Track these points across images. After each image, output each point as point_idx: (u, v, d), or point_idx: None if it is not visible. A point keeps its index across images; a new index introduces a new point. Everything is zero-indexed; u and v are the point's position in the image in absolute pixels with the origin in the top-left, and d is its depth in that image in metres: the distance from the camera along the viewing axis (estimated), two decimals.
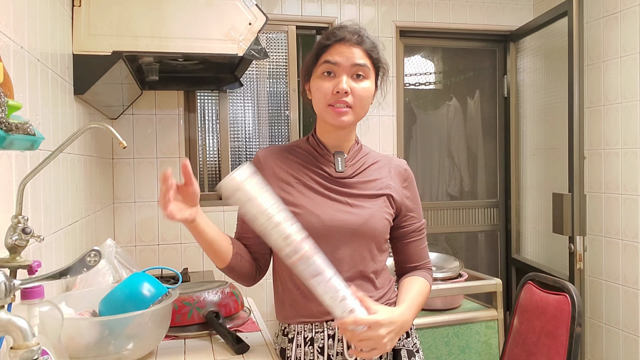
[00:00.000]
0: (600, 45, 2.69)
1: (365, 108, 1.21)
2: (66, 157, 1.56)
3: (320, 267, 0.98)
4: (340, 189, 1.22)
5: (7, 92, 0.86)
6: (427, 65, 3.28)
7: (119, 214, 2.62)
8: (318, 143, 1.26)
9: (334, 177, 1.23)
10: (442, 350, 2.31)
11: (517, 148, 3.20)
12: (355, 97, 1.17)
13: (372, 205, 1.22)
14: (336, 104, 1.17)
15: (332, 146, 1.26)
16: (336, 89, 1.16)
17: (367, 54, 1.20)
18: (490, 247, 3.32)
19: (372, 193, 1.23)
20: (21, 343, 0.68)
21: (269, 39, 2.90)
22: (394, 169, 1.30)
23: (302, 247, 0.98)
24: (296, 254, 0.98)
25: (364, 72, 1.18)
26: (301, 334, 1.20)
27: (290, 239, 0.98)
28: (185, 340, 1.34)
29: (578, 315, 1.70)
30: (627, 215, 2.54)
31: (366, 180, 1.25)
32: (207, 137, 2.88)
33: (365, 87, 1.19)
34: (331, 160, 1.24)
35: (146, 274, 1.27)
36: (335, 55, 1.17)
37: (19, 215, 0.87)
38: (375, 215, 1.20)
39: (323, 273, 0.97)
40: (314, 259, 0.98)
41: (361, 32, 1.21)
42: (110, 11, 1.68)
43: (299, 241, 0.98)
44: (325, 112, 1.19)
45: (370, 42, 1.22)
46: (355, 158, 1.27)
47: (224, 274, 1.25)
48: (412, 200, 1.31)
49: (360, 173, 1.25)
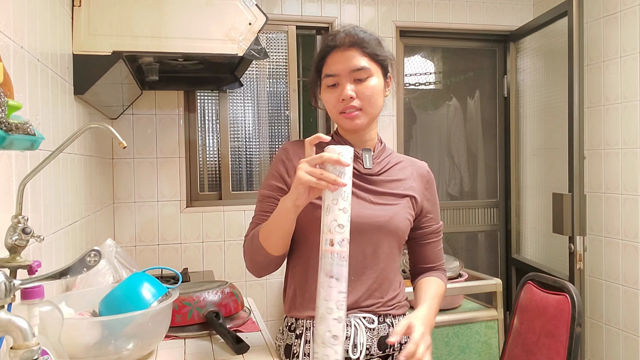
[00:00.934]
0: (600, 45, 2.69)
1: (376, 105, 1.22)
2: (66, 157, 1.56)
3: (343, 275, 0.95)
4: (366, 185, 1.23)
5: (7, 92, 0.86)
6: (427, 65, 3.28)
7: (119, 214, 2.62)
8: (344, 140, 1.27)
9: (361, 174, 1.23)
10: (442, 350, 2.30)
11: (517, 148, 3.20)
12: (362, 99, 1.18)
13: (397, 204, 1.23)
14: (346, 110, 1.19)
15: (356, 144, 1.27)
16: (341, 97, 1.18)
17: (364, 54, 1.20)
18: (490, 247, 3.32)
19: (398, 192, 1.25)
20: (21, 343, 0.68)
21: (269, 39, 2.90)
22: (417, 170, 1.32)
23: (344, 245, 0.96)
24: (335, 246, 0.95)
25: (365, 73, 1.19)
26: (310, 330, 1.18)
27: (342, 229, 0.95)
28: (185, 340, 1.34)
29: (578, 315, 1.70)
30: (627, 215, 2.54)
31: (392, 179, 1.26)
32: (207, 137, 2.88)
33: (370, 86, 1.19)
34: (359, 156, 1.25)
35: (146, 274, 1.27)
36: (333, 66, 1.19)
37: (19, 215, 0.87)
38: (399, 214, 1.22)
39: (340, 281, 0.94)
40: (344, 263, 0.95)
41: (353, 32, 1.21)
42: (110, 11, 1.68)
43: (346, 238, 0.95)
44: (339, 120, 1.22)
45: (365, 39, 1.21)
46: (381, 156, 1.28)
47: (224, 272, 1.24)
48: (431, 202, 1.33)
49: (387, 171, 1.27)
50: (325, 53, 1.21)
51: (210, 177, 2.89)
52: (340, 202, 0.95)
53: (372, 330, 1.19)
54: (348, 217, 0.96)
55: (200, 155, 2.86)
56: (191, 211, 2.73)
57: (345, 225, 0.95)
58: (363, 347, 1.16)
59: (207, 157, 2.88)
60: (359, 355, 1.15)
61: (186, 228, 2.71)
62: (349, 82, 1.18)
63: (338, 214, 0.95)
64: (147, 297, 1.18)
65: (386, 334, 1.21)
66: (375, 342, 1.19)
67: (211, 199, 2.84)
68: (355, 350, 1.15)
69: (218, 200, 2.84)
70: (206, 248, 2.74)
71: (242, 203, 2.81)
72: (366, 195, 1.22)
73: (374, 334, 1.19)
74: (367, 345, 1.17)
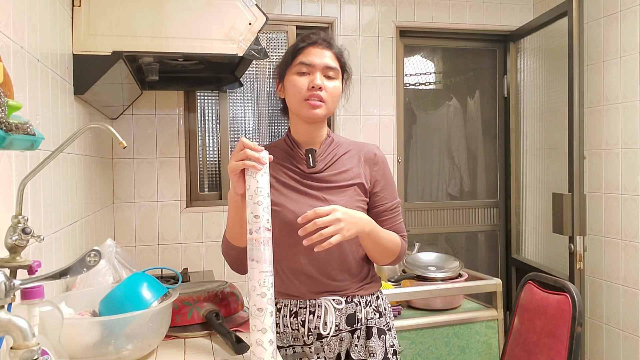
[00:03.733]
0: (600, 45, 2.69)
1: (335, 104, 1.35)
2: (66, 157, 1.56)
3: (261, 257, 1.08)
4: (313, 183, 1.35)
5: (7, 92, 0.86)
6: (427, 65, 3.28)
7: (119, 214, 2.62)
8: (292, 142, 1.39)
9: (306, 173, 1.36)
10: (442, 350, 2.31)
11: (517, 148, 3.20)
12: (328, 94, 1.31)
13: (344, 195, 1.35)
14: (311, 99, 1.30)
15: (304, 143, 1.39)
16: (311, 84, 1.30)
17: (336, 58, 1.35)
18: (490, 247, 3.32)
19: (343, 184, 1.36)
20: (21, 343, 0.68)
21: (269, 39, 2.90)
22: (364, 155, 1.41)
23: (260, 232, 1.09)
24: (253, 234, 1.09)
25: (334, 73, 1.33)
26: (288, 306, 1.37)
27: (257, 219, 1.09)
28: (185, 340, 1.34)
29: (579, 315, 1.70)
30: (627, 215, 2.54)
31: (337, 172, 1.37)
32: (207, 137, 2.88)
33: (335, 86, 1.34)
34: (303, 157, 1.37)
35: (146, 274, 1.27)
36: (310, 57, 1.32)
37: (19, 215, 0.87)
38: (347, 204, 1.30)
39: (260, 263, 1.08)
40: (261, 247, 1.08)
41: (329, 38, 1.37)
42: (110, 11, 1.68)
43: (263, 226, 1.09)
44: (300, 106, 1.32)
45: (339, 48, 1.37)
46: (326, 152, 1.39)
47: (224, 272, 1.26)
48: (382, 182, 1.41)
49: (331, 166, 1.38)
50: (304, 45, 1.34)
51: (210, 177, 2.89)
52: (255, 197, 1.10)
53: (340, 310, 1.35)
54: (264, 208, 1.10)
55: (200, 155, 2.86)
56: (191, 211, 2.73)
57: (261, 215, 1.09)
58: (332, 325, 1.33)
59: (207, 157, 2.88)
60: (329, 331, 1.33)
61: (186, 228, 2.71)
62: (320, 75, 1.31)
63: (253, 207, 1.10)
64: (147, 297, 1.18)
65: (353, 312, 1.36)
66: (343, 319, 1.35)
67: (211, 199, 2.84)
68: (326, 327, 1.33)
69: (218, 200, 2.84)
70: (206, 248, 2.74)
71: None
72: (314, 192, 1.34)
73: (342, 312, 1.35)
74: (336, 322, 1.34)
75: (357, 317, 1.37)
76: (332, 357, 1.36)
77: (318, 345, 1.35)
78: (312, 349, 1.35)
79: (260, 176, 1.11)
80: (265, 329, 1.07)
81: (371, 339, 1.37)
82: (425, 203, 3.20)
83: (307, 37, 1.36)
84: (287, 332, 1.37)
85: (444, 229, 3.23)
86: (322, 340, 1.35)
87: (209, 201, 2.82)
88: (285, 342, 1.37)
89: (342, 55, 1.37)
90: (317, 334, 1.34)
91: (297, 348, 1.37)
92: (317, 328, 1.34)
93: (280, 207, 1.32)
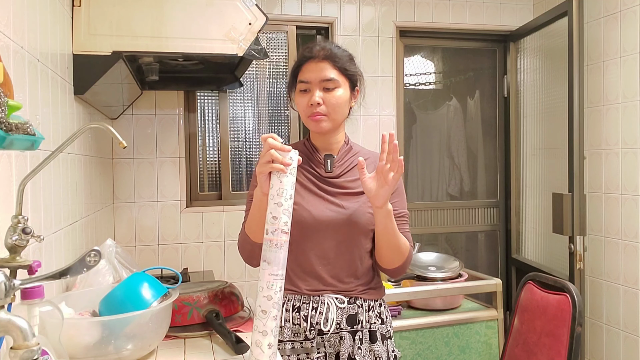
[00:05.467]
0: (600, 45, 2.69)
1: (341, 112, 1.38)
2: (66, 157, 1.56)
3: (274, 259, 1.08)
4: (329, 188, 1.40)
5: (7, 92, 0.86)
6: (427, 65, 3.28)
7: (119, 214, 2.62)
8: (311, 146, 1.45)
9: (324, 177, 1.41)
10: (442, 350, 2.31)
11: (517, 148, 3.20)
12: (328, 106, 1.34)
13: (357, 201, 1.38)
14: (313, 115, 1.35)
15: (323, 148, 1.44)
16: (309, 102, 1.34)
17: (334, 67, 1.36)
18: (490, 247, 3.32)
19: (358, 191, 1.39)
20: (21, 343, 0.68)
21: (269, 39, 2.90)
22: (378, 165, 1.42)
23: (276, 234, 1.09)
24: (269, 235, 1.09)
25: (333, 84, 1.35)
26: (291, 301, 1.40)
27: (276, 220, 1.09)
28: (185, 340, 1.34)
29: (579, 315, 1.70)
30: (627, 215, 2.54)
31: (352, 179, 1.41)
32: (207, 137, 2.88)
33: (336, 95, 1.35)
34: (322, 162, 1.42)
35: (146, 274, 1.27)
36: (306, 74, 1.36)
37: (19, 215, 0.87)
38: (358, 210, 1.37)
39: (271, 265, 1.07)
40: (275, 249, 1.08)
41: (328, 47, 1.38)
42: (110, 11, 1.68)
43: (279, 228, 1.09)
44: (307, 123, 1.39)
45: (338, 55, 1.37)
46: (343, 159, 1.44)
47: (224, 272, 1.26)
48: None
49: (347, 172, 1.42)
50: (302, 62, 1.38)
51: (210, 177, 2.89)
52: (276, 197, 1.10)
53: (343, 309, 1.38)
54: (284, 210, 1.10)
55: (200, 155, 2.86)
56: (191, 211, 2.73)
57: (279, 217, 1.09)
58: (333, 322, 1.36)
59: (207, 157, 2.88)
60: (330, 327, 1.36)
61: (186, 228, 2.71)
62: (319, 89, 1.34)
63: (273, 207, 1.10)
64: (147, 297, 1.18)
65: (355, 313, 1.39)
66: (344, 319, 1.38)
67: (211, 199, 2.84)
68: (327, 324, 1.36)
69: (218, 200, 2.84)
70: (206, 248, 2.74)
71: (242, 203, 2.81)
72: (330, 197, 1.38)
73: (344, 312, 1.38)
74: (337, 320, 1.37)
75: (358, 319, 1.39)
76: (332, 353, 1.38)
77: (319, 340, 1.38)
78: (314, 343, 1.38)
79: (285, 177, 1.11)
80: (265, 332, 1.07)
81: (376, 343, 1.40)
82: (425, 203, 3.20)
83: (306, 50, 1.39)
84: (288, 327, 1.39)
85: (444, 229, 3.23)
86: (322, 336, 1.38)
87: (209, 201, 2.82)
88: (286, 337, 1.40)
89: (341, 62, 1.37)
90: (319, 330, 1.37)
91: (296, 344, 1.40)
92: (319, 324, 1.37)
93: (297, 205, 1.34)
